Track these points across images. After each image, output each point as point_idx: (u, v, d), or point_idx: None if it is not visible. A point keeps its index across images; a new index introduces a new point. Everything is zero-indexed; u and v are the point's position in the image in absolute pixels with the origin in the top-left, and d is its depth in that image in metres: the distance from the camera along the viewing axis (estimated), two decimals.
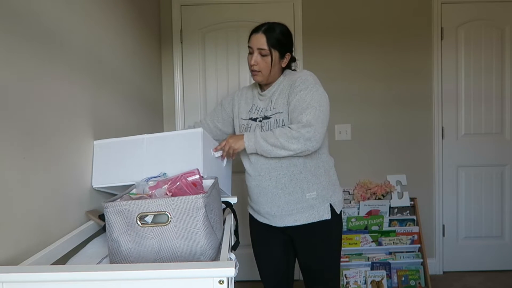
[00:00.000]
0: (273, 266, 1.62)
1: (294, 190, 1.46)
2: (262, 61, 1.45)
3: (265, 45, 1.43)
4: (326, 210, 1.47)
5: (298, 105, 1.38)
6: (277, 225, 1.52)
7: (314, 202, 1.47)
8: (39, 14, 1.05)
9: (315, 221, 1.47)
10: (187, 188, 0.99)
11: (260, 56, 1.45)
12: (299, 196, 1.46)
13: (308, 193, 1.46)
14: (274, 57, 1.45)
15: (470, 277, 2.72)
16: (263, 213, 1.54)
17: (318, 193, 1.47)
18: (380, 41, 2.72)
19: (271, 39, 1.44)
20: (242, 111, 1.61)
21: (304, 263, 1.56)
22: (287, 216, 1.49)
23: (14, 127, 0.92)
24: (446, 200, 2.80)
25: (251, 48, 1.47)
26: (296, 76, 1.46)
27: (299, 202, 1.47)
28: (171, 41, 2.69)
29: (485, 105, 2.76)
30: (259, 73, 1.47)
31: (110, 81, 1.59)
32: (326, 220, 1.47)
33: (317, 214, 1.47)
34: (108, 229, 0.90)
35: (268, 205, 1.50)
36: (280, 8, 2.68)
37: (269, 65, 1.45)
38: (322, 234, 1.50)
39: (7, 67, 0.90)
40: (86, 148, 1.32)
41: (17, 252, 0.91)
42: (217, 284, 0.77)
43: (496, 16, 2.71)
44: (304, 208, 1.47)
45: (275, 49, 1.45)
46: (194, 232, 0.90)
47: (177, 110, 2.72)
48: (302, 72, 1.48)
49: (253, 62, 1.46)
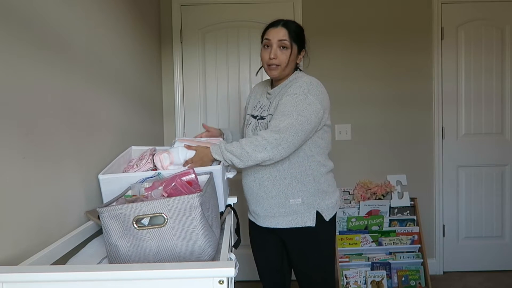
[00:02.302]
0: (269, 266, 1.63)
1: (276, 194, 1.44)
2: (282, 54, 1.42)
3: (286, 37, 1.41)
4: (311, 217, 1.43)
5: (279, 111, 1.35)
6: (261, 225, 1.52)
7: (298, 208, 1.43)
8: (39, 14, 1.05)
9: (297, 226, 1.43)
10: (182, 188, 1.00)
11: (280, 49, 1.42)
12: (282, 200, 1.44)
13: (292, 199, 1.43)
14: (293, 50, 1.43)
15: (470, 277, 2.72)
16: (251, 211, 1.57)
17: (304, 200, 1.43)
18: (380, 41, 2.72)
19: (292, 32, 1.42)
20: (249, 106, 1.61)
21: (294, 266, 1.55)
22: (269, 218, 1.48)
23: (14, 127, 0.92)
24: (446, 200, 2.80)
25: (269, 41, 1.43)
26: (297, 82, 1.41)
27: (281, 206, 1.44)
28: (171, 41, 2.69)
29: (485, 105, 2.76)
30: (278, 67, 1.43)
31: (110, 81, 1.59)
32: (311, 226, 1.43)
33: (300, 219, 1.43)
34: (105, 234, 0.90)
35: (254, 204, 1.52)
36: (280, 8, 2.68)
37: (287, 59, 1.42)
38: (309, 240, 1.46)
39: (8, 67, 0.90)
40: (86, 148, 1.32)
41: (17, 252, 0.91)
42: (217, 284, 0.77)
43: (496, 16, 2.71)
44: (286, 212, 1.44)
45: (295, 43, 1.43)
46: (192, 231, 0.90)
47: (177, 110, 2.72)
48: (304, 77, 1.42)
49: (272, 55, 1.41)
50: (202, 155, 1.37)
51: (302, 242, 1.47)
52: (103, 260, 1.03)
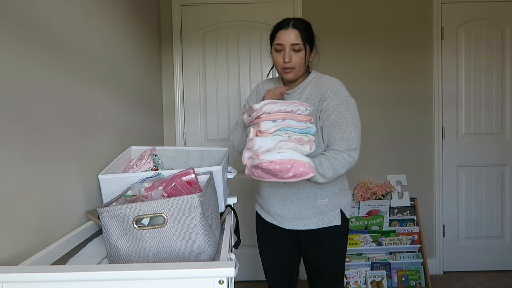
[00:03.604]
0: (278, 265, 1.61)
1: (307, 195, 1.44)
2: (296, 57, 1.39)
3: (299, 39, 1.38)
4: (336, 216, 1.46)
5: (338, 121, 1.37)
6: (285, 227, 1.50)
7: (325, 208, 1.45)
8: (39, 15, 1.05)
9: (324, 226, 1.45)
10: (182, 188, 1.00)
11: (294, 52, 1.39)
12: (311, 201, 1.44)
13: (321, 199, 1.44)
14: (306, 51, 1.41)
15: (471, 277, 2.72)
16: (273, 213, 1.52)
17: (330, 200, 1.45)
18: (380, 41, 2.72)
19: (303, 32, 1.39)
20: None
21: (309, 264, 1.55)
22: (297, 220, 1.47)
23: (14, 127, 0.92)
24: (446, 200, 2.80)
25: (281, 46, 1.40)
26: (326, 85, 1.42)
27: (310, 207, 1.45)
28: (171, 41, 2.69)
29: (486, 105, 2.76)
30: (293, 70, 1.41)
31: (110, 81, 1.59)
32: (337, 225, 1.46)
33: (327, 219, 1.46)
34: (105, 234, 0.90)
35: (279, 207, 1.49)
36: (280, 8, 2.68)
37: (303, 60, 1.40)
38: (331, 238, 1.49)
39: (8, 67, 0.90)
40: (86, 148, 1.32)
41: (17, 252, 0.91)
42: (217, 284, 0.77)
43: (496, 16, 2.71)
44: (315, 213, 1.45)
45: (306, 43, 1.40)
46: (192, 231, 0.89)
47: (177, 110, 2.72)
48: (332, 80, 1.44)
49: (287, 58, 1.38)
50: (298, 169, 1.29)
51: (325, 240, 1.48)
52: (103, 260, 1.03)
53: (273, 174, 1.17)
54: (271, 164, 1.13)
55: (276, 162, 1.14)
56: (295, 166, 1.15)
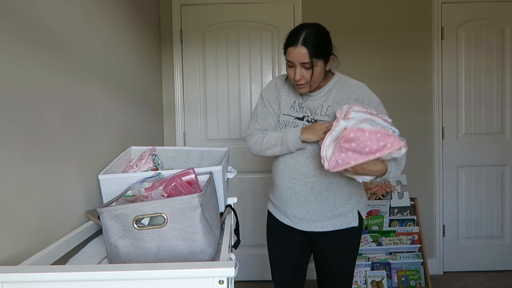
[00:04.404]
0: (286, 265, 1.58)
1: (327, 198, 1.42)
2: (308, 73, 1.34)
3: (307, 59, 1.31)
4: (354, 217, 1.46)
5: None
6: (302, 229, 1.47)
7: (343, 210, 1.44)
8: (39, 15, 1.05)
9: (343, 228, 1.45)
10: (182, 188, 1.00)
11: (304, 69, 1.34)
12: (331, 204, 1.43)
13: (340, 202, 1.43)
14: (319, 67, 1.35)
15: (471, 277, 2.72)
16: (289, 215, 1.49)
17: (348, 201, 1.45)
18: (380, 41, 2.71)
19: (313, 49, 1.30)
20: (284, 105, 1.49)
21: (323, 265, 1.54)
22: (314, 222, 1.45)
23: (14, 127, 0.92)
24: (446, 200, 2.80)
25: (291, 63, 1.35)
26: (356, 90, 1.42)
27: (329, 210, 1.43)
28: (171, 41, 2.69)
29: (486, 105, 2.76)
30: (305, 85, 1.38)
31: (110, 81, 1.59)
32: (355, 227, 1.46)
33: (345, 221, 1.45)
34: (105, 234, 0.90)
35: (297, 208, 1.46)
36: (280, 8, 2.68)
37: (315, 76, 1.35)
38: (348, 240, 1.49)
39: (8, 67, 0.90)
40: (86, 148, 1.32)
41: (17, 252, 0.91)
42: (217, 284, 0.77)
43: (496, 16, 2.71)
44: (333, 215, 1.44)
45: (318, 58, 1.33)
46: (192, 231, 0.90)
47: (177, 110, 2.72)
48: (360, 85, 1.45)
49: (298, 77, 1.34)
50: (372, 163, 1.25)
51: (342, 242, 1.48)
52: (103, 260, 1.03)
53: (361, 150, 1.16)
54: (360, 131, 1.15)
55: (365, 130, 1.16)
56: (384, 135, 1.16)
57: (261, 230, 2.77)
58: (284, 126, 1.46)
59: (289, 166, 1.44)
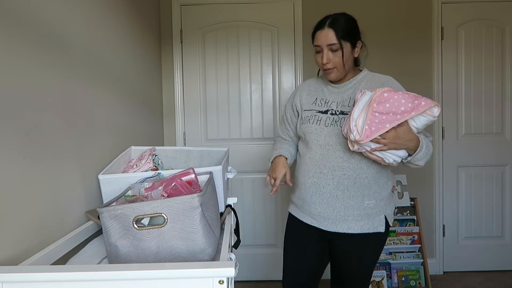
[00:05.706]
0: (300, 266, 1.52)
1: (355, 194, 1.37)
2: (335, 57, 1.36)
3: (334, 40, 1.34)
4: (381, 222, 1.40)
5: None
6: (327, 230, 1.41)
7: (371, 212, 1.39)
8: (39, 15, 1.05)
9: (369, 232, 1.39)
10: (182, 188, 1.00)
11: (331, 52, 1.36)
12: (359, 201, 1.38)
13: (368, 200, 1.38)
14: (346, 50, 1.36)
15: (471, 277, 2.72)
16: (314, 213, 1.43)
17: (377, 203, 1.39)
18: (380, 41, 2.71)
19: (340, 31, 1.35)
20: (304, 103, 1.52)
21: (343, 269, 1.50)
22: (341, 222, 1.39)
23: (14, 127, 0.92)
24: (446, 200, 2.80)
25: (319, 47, 1.38)
26: (386, 81, 1.43)
27: (357, 208, 1.38)
28: (171, 41, 2.69)
29: (486, 105, 2.76)
30: (333, 69, 1.38)
31: (110, 81, 1.59)
32: (381, 232, 1.40)
33: (372, 224, 1.39)
34: (105, 234, 0.90)
35: (322, 206, 1.40)
36: (280, 8, 2.68)
37: (342, 60, 1.37)
38: (372, 245, 1.43)
39: (8, 67, 0.90)
40: (86, 148, 1.32)
41: (17, 252, 0.91)
42: (217, 284, 0.77)
43: (496, 16, 2.71)
44: (361, 216, 1.38)
45: (346, 40, 1.36)
46: (192, 231, 0.90)
47: (177, 110, 2.72)
48: (389, 78, 1.45)
49: (325, 60, 1.36)
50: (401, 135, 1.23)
51: (367, 246, 1.43)
52: (103, 260, 1.03)
53: (396, 109, 1.14)
54: (392, 91, 1.16)
55: (392, 91, 1.17)
56: (416, 95, 1.16)
57: (261, 230, 2.77)
58: (308, 121, 1.46)
59: (315, 160, 1.41)
